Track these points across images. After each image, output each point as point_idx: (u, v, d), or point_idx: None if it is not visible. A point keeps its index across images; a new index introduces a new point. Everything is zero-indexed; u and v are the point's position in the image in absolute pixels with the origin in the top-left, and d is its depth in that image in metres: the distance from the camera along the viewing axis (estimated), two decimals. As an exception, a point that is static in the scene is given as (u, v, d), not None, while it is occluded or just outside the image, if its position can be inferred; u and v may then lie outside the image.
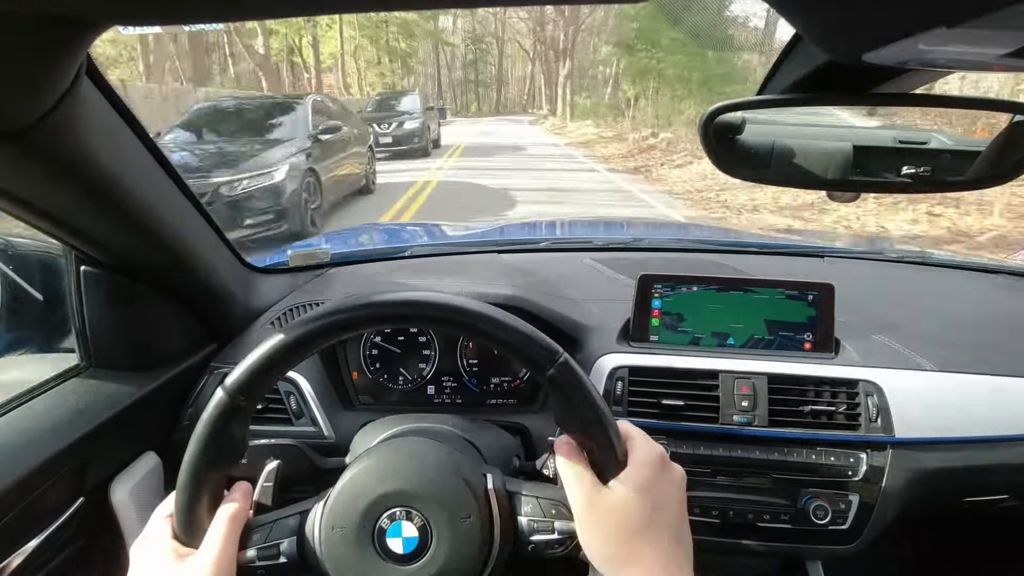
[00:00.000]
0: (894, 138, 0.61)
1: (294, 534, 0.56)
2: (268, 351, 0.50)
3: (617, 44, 27.33)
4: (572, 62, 34.81)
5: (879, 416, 0.87)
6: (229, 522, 0.52)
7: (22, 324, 0.93)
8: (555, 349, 0.52)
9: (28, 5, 0.35)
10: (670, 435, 0.90)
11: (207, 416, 0.51)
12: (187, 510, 0.51)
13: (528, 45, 54.55)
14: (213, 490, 0.53)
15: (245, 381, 0.50)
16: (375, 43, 36.78)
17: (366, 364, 1.01)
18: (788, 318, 0.94)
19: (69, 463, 0.70)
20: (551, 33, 38.20)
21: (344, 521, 0.55)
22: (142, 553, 0.52)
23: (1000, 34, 0.30)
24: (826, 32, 0.38)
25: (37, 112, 0.48)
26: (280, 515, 0.58)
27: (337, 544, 0.54)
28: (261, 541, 0.56)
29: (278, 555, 0.56)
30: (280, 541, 0.56)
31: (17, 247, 0.92)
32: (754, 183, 0.68)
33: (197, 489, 0.51)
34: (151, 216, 0.72)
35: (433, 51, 57.64)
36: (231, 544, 0.52)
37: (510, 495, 0.58)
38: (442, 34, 52.61)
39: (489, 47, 66.97)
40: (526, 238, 1.57)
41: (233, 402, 0.50)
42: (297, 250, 1.21)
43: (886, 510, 0.87)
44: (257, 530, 0.56)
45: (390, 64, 41.97)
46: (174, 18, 0.39)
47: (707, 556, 0.96)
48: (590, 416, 0.52)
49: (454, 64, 68.36)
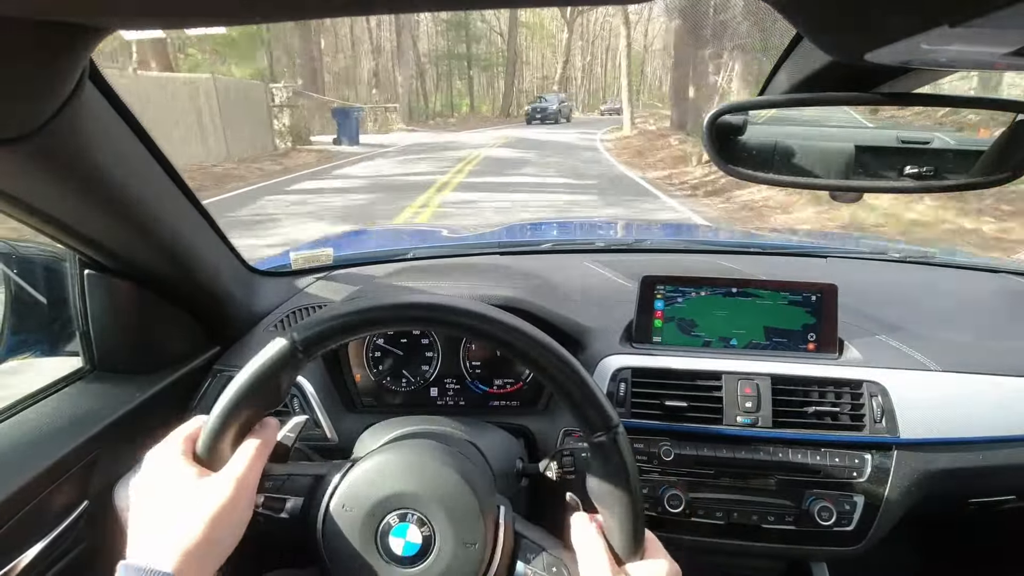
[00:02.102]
0: (896, 138, 0.61)
1: (303, 496, 0.57)
2: (343, 314, 0.51)
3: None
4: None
5: (884, 417, 0.87)
6: (258, 449, 0.53)
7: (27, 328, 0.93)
8: (614, 418, 0.52)
9: (31, 11, 0.35)
10: (673, 436, 0.89)
11: (265, 357, 0.51)
12: (215, 436, 0.52)
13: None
14: (241, 427, 0.53)
15: (312, 336, 0.51)
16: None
17: (369, 366, 1.01)
18: (791, 319, 0.94)
19: (74, 466, 0.71)
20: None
21: (355, 504, 0.55)
22: (158, 464, 0.52)
23: (1002, 33, 0.30)
24: (827, 32, 0.38)
25: (41, 117, 0.48)
26: (295, 471, 0.59)
27: (341, 522, 0.55)
28: (271, 490, 0.56)
29: (282, 510, 0.56)
30: (288, 498, 0.57)
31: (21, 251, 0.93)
32: (756, 184, 0.68)
33: (230, 421, 0.52)
34: (154, 220, 0.72)
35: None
36: (256, 470, 0.53)
37: (517, 535, 0.57)
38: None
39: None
40: (528, 240, 1.58)
41: (293, 351, 0.51)
42: (299, 253, 1.21)
43: (891, 511, 0.87)
44: (269, 479, 0.56)
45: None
46: (176, 22, 0.39)
47: (711, 558, 0.96)
48: (623, 495, 0.52)
49: (417, 29, 38.04)
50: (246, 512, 0.51)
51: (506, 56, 43.94)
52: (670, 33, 25.01)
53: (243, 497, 0.51)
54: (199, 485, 0.50)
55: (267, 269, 1.15)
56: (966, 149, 0.60)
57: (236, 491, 0.50)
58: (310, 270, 1.20)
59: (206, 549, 0.48)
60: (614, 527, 0.54)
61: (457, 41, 44.00)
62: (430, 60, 43.55)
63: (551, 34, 54.02)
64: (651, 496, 0.88)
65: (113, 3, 0.36)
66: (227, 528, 0.49)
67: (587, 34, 57.46)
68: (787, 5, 0.34)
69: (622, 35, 22.86)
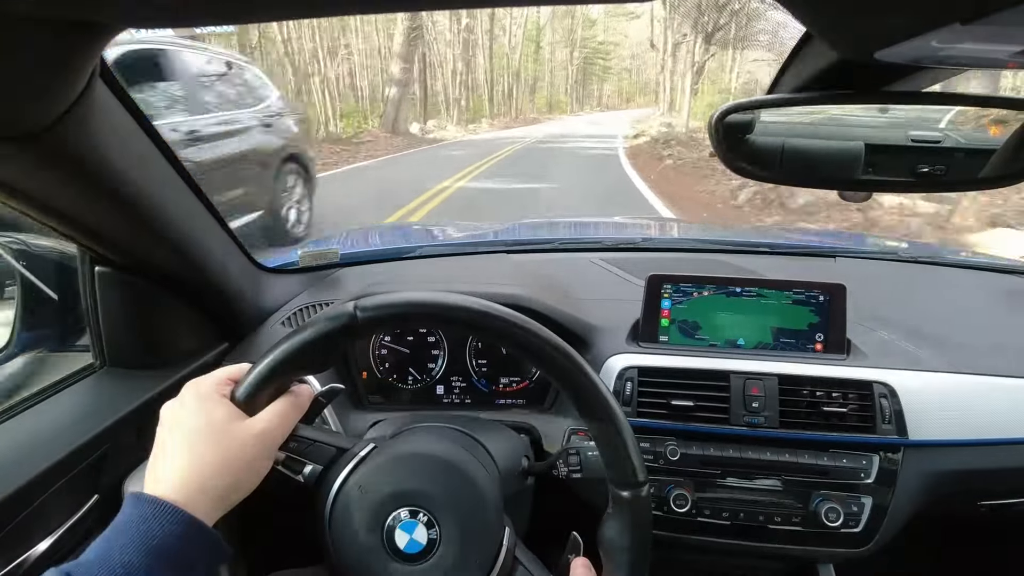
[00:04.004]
0: (907, 137, 0.60)
1: (323, 464, 0.57)
2: (409, 300, 0.52)
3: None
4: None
5: (892, 417, 0.86)
6: (291, 410, 0.54)
7: (38, 323, 0.94)
8: (642, 476, 0.53)
9: (42, 9, 0.35)
10: (680, 436, 0.89)
11: (326, 318, 0.51)
12: (258, 384, 0.52)
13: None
14: (282, 383, 0.54)
15: (375, 310, 0.51)
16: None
17: (375, 364, 1.01)
18: (799, 319, 0.93)
19: (84, 461, 0.71)
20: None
21: (373, 488, 0.56)
22: (195, 396, 0.52)
23: (1014, 31, 0.30)
24: (837, 30, 0.38)
25: (52, 115, 0.49)
26: (321, 438, 0.59)
27: (353, 502, 0.55)
28: (294, 451, 0.57)
29: (300, 472, 0.57)
30: (308, 463, 0.57)
31: (33, 247, 0.94)
32: (764, 183, 0.68)
33: (276, 375, 0.52)
34: (163, 217, 0.73)
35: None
36: (284, 428, 0.53)
37: (515, 561, 0.58)
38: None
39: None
40: (535, 238, 1.57)
41: (354, 321, 0.51)
42: (307, 250, 1.22)
43: (899, 513, 0.86)
44: (294, 440, 0.57)
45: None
46: (186, 20, 0.39)
47: (716, 558, 0.96)
48: (633, 554, 0.53)
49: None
50: (265, 464, 0.52)
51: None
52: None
53: (267, 449, 0.51)
54: (229, 427, 0.50)
55: (275, 266, 1.15)
56: (977, 148, 0.59)
57: (261, 442, 0.51)
58: (317, 267, 1.21)
59: (220, 491, 0.48)
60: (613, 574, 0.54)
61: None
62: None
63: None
64: (657, 496, 0.88)
65: (123, 1, 0.36)
66: (245, 475, 0.50)
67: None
68: (797, 3, 0.34)
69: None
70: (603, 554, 0.55)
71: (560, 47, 53.32)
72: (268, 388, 0.52)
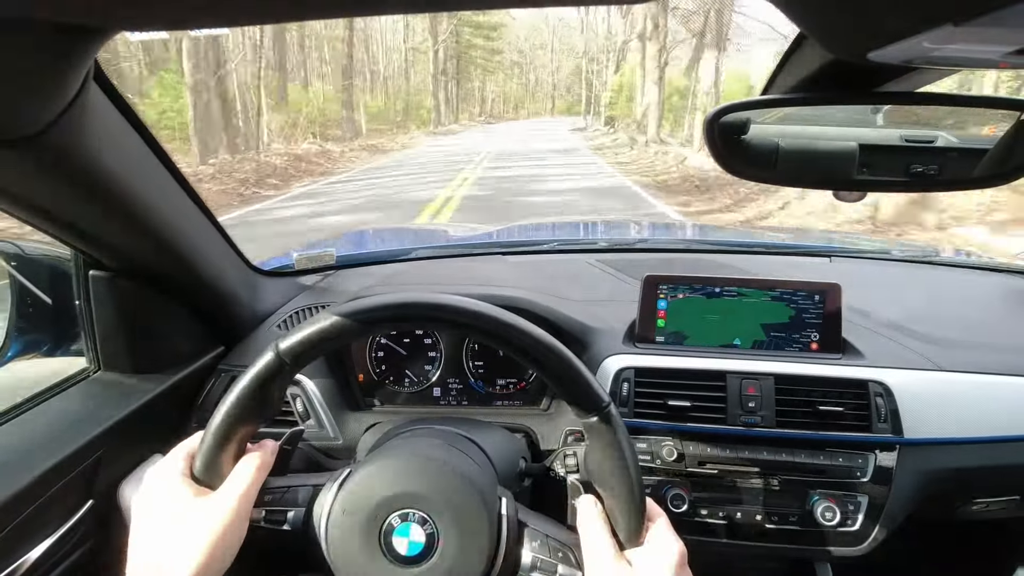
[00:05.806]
0: (901, 137, 0.60)
1: (303, 506, 0.57)
2: (325, 324, 0.52)
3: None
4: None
5: (888, 416, 0.87)
6: (256, 470, 0.54)
7: (32, 327, 0.93)
8: (603, 397, 0.53)
9: (36, 13, 0.35)
10: (676, 436, 0.89)
11: (254, 372, 0.52)
12: (212, 454, 0.52)
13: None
14: (238, 442, 0.54)
15: (296, 347, 0.52)
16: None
17: (372, 365, 1.01)
18: (795, 319, 0.94)
19: (79, 465, 0.71)
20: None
21: (356, 508, 0.55)
22: (157, 483, 0.52)
23: (1007, 32, 0.30)
24: (831, 31, 0.38)
25: (46, 119, 0.48)
26: (293, 483, 0.59)
27: (343, 528, 0.55)
28: (271, 504, 0.57)
29: (284, 522, 0.57)
30: (289, 510, 0.57)
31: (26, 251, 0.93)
32: (760, 183, 0.68)
33: (226, 437, 0.52)
34: (158, 220, 0.72)
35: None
36: (253, 489, 0.53)
37: (520, 524, 0.58)
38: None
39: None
40: (531, 240, 1.57)
41: (280, 363, 0.52)
42: (302, 253, 1.21)
43: (895, 511, 0.87)
44: (268, 492, 0.57)
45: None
46: (182, 23, 0.39)
47: (714, 558, 0.96)
48: (621, 473, 0.53)
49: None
50: (241, 530, 0.52)
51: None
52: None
53: (238, 515, 0.51)
54: (195, 506, 0.50)
55: (270, 269, 1.15)
56: (971, 147, 0.59)
57: (232, 510, 0.51)
58: (313, 270, 1.21)
59: (199, 571, 0.48)
60: (615, 508, 0.54)
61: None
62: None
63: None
64: (654, 495, 0.88)
65: (117, 5, 0.36)
66: (221, 549, 0.50)
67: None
68: (791, 3, 0.34)
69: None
70: (598, 487, 0.55)
71: (419, 21, 33.39)
72: (224, 453, 0.53)
